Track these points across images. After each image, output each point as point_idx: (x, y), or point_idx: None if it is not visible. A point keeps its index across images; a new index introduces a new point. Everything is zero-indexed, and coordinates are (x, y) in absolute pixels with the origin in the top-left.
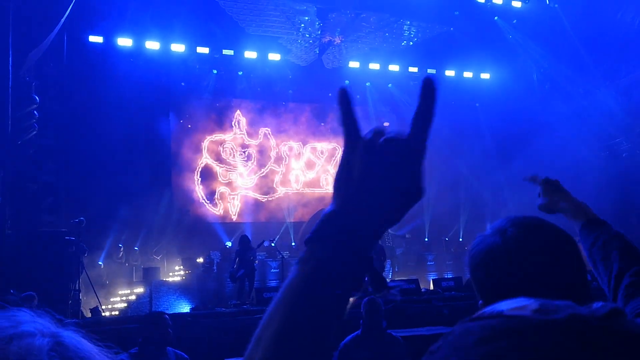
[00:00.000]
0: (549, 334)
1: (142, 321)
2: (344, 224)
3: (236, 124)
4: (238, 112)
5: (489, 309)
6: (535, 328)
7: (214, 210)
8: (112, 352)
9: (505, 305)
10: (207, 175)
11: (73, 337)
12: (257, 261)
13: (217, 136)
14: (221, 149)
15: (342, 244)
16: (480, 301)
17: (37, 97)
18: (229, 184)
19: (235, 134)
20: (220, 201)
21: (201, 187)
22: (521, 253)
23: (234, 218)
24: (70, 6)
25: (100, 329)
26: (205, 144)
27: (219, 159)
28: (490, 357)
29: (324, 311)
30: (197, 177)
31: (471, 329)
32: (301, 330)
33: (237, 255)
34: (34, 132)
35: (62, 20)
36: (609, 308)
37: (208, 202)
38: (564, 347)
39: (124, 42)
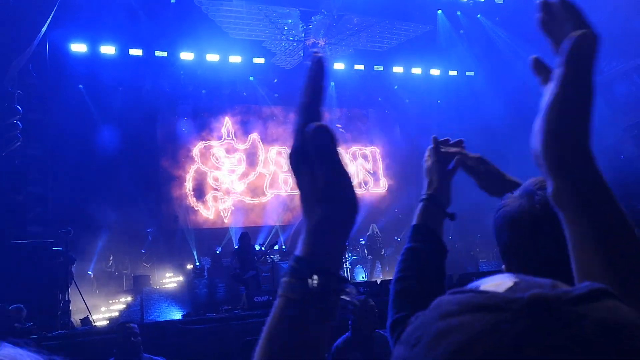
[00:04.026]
0: (503, 314)
1: (112, 333)
2: (321, 261)
3: (225, 129)
4: (227, 118)
5: (471, 284)
6: (493, 307)
7: (204, 215)
8: None
9: (485, 282)
10: (197, 181)
11: None
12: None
13: (206, 142)
14: (210, 154)
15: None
16: (503, 265)
17: (19, 108)
18: (219, 189)
19: (224, 139)
20: (210, 206)
21: (192, 193)
22: (547, 219)
23: (226, 221)
24: (51, 14)
25: (91, 339)
26: (195, 150)
27: (208, 164)
28: (446, 332)
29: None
30: (187, 183)
31: (441, 303)
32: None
33: (236, 254)
34: (18, 143)
35: (44, 29)
36: (587, 289)
37: (198, 207)
38: (515, 332)
39: (107, 49)
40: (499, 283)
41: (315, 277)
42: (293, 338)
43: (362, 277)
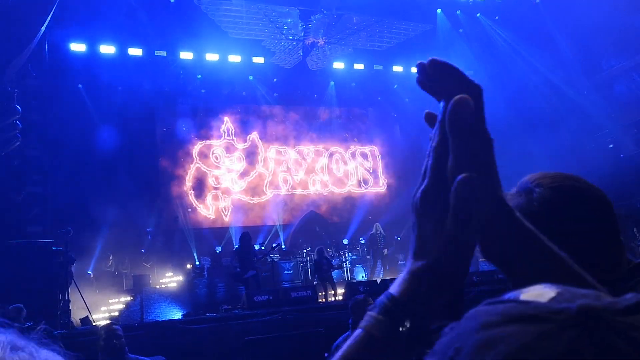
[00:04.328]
0: (550, 325)
1: (95, 335)
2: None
3: (224, 129)
4: (226, 118)
5: (509, 294)
6: (540, 317)
7: (204, 215)
8: None
9: (525, 292)
10: (197, 180)
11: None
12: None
13: (205, 141)
14: (210, 153)
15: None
16: (500, 276)
17: (19, 107)
18: (218, 189)
19: (223, 138)
20: (210, 206)
21: (192, 192)
22: (544, 217)
23: (226, 220)
24: (50, 14)
25: (91, 338)
26: (195, 149)
27: (207, 163)
28: (490, 343)
29: None
30: (187, 183)
31: (479, 313)
32: None
33: (236, 254)
34: (18, 143)
35: (43, 28)
36: (635, 300)
37: (198, 207)
38: (565, 343)
39: (107, 49)
40: (540, 293)
41: (406, 324)
42: None
43: (362, 277)
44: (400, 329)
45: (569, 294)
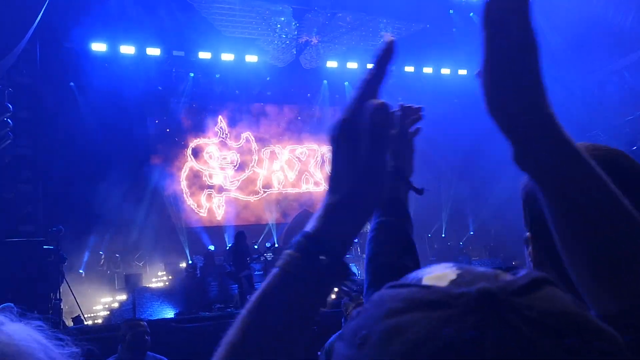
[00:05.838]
0: (452, 310)
1: (120, 328)
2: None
3: (218, 127)
4: (220, 116)
5: (411, 275)
6: (441, 303)
7: (197, 213)
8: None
9: (427, 273)
10: (190, 179)
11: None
12: (262, 257)
13: (198, 140)
14: (203, 152)
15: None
16: (529, 249)
17: (10, 105)
18: (212, 187)
19: (217, 137)
20: (203, 204)
21: (185, 190)
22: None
23: (219, 219)
24: (41, 12)
25: (83, 337)
26: (188, 148)
27: (201, 162)
28: (395, 331)
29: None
30: (180, 181)
31: (384, 298)
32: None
33: (231, 253)
34: (9, 141)
35: (34, 26)
36: (529, 279)
37: (191, 205)
38: (468, 327)
39: (99, 47)
40: (441, 275)
41: (320, 257)
42: (281, 314)
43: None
44: (312, 264)
45: (469, 275)
